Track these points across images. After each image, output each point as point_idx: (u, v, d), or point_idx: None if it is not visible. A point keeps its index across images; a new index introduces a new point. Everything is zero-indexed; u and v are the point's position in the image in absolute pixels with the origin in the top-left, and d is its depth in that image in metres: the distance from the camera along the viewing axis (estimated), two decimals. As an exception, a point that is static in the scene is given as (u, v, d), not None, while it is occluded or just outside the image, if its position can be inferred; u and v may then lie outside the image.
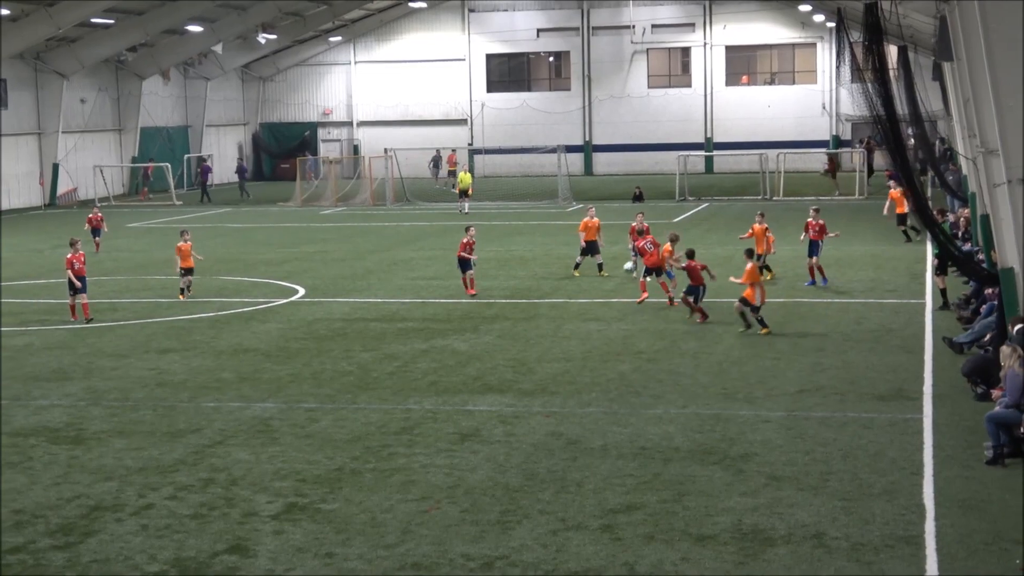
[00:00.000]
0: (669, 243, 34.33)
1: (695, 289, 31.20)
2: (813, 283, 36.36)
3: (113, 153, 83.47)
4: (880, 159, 71.69)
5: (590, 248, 39.55)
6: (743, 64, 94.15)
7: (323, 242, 51.30)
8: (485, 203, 69.75)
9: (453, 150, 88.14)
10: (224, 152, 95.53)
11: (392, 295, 36.49)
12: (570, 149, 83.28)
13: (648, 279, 34.12)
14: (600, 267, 39.42)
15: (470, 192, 67.48)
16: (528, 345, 28.46)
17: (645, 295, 33.67)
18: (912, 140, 48.93)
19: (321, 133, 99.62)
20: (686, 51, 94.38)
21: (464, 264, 35.58)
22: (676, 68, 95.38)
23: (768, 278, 36.64)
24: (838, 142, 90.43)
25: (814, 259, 36.84)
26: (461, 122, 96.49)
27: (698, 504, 16.73)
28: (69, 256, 32.67)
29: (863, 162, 73.98)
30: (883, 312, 31.79)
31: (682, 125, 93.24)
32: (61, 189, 77.53)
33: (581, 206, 67.10)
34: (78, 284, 32.39)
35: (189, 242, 36.91)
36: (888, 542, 15.20)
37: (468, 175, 69.46)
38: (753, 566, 14.56)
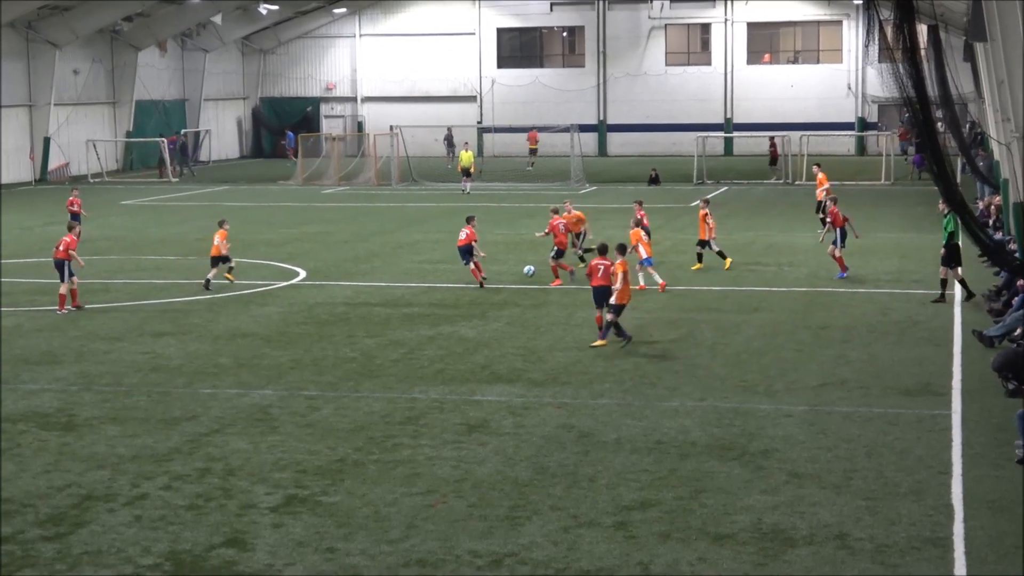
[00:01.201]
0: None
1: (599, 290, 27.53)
2: (843, 275, 35.56)
3: (107, 127, 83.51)
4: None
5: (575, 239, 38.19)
6: (765, 42, 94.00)
7: (325, 223, 51.28)
8: (494, 184, 69.73)
9: (532, 128, 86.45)
10: (222, 127, 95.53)
11: (397, 279, 36.47)
12: (583, 128, 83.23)
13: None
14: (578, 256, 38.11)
15: (472, 171, 67.56)
16: (538, 333, 28.44)
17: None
18: (942, 124, 48.82)
19: (324, 109, 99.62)
20: (706, 27, 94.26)
21: (465, 254, 34.95)
22: (695, 45, 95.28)
23: (726, 266, 37.18)
24: (864, 124, 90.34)
25: (838, 249, 35.97)
26: (470, 99, 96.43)
27: (716, 502, 16.70)
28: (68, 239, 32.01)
29: (889, 146, 73.78)
30: (910, 303, 31.72)
31: (701, 105, 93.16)
32: (52, 164, 77.59)
33: (595, 188, 67.10)
34: (72, 269, 31.62)
35: (227, 230, 35.62)
36: (914, 544, 15.17)
37: (470, 153, 69.53)
38: (773, 567, 14.53)
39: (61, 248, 31.86)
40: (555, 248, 35.90)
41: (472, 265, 34.74)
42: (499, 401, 22.34)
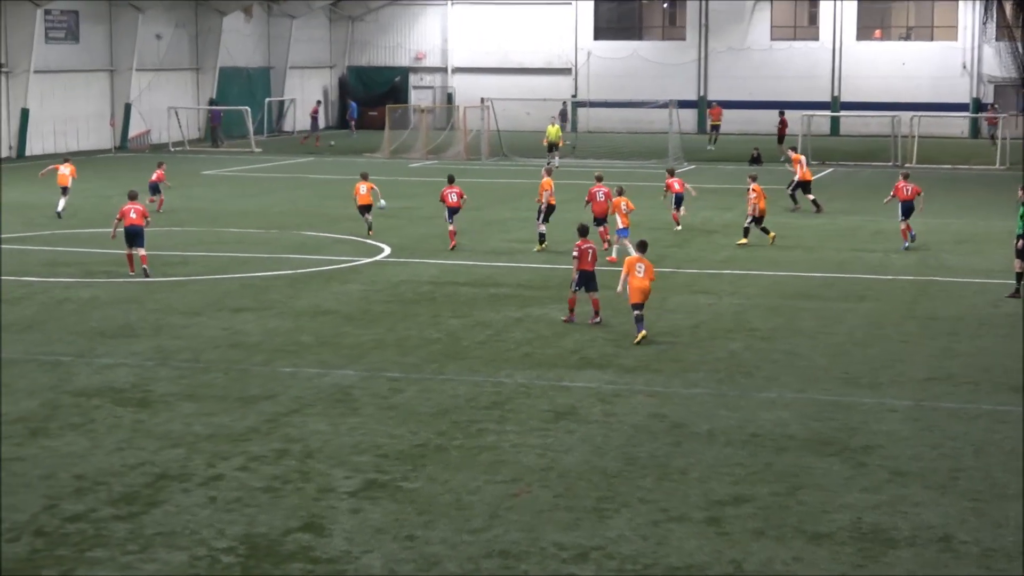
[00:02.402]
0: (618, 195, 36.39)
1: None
2: (907, 246, 38.42)
3: (189, 94, 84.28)
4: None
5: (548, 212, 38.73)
6: (876, 17, 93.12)
7: (411, 198, 51.46)
8: (588, 160, 69.62)
9: (713, 103, 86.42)
10: (307, 96, 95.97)
11: (485, 258, 36.54)
12: (682, 105, 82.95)
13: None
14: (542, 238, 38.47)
15: (560, 144, 67.72)
16: (631, 317, 28.33)
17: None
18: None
19: (412, 79, 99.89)
20: (814, 1, 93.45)
21: (451, 213, 38.46)
22: (802, 19, 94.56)
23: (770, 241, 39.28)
24: (979, 105, 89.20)
25: (906, 222, 38.88)
26: (564, 71, 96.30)
27: (813, 499, 16.61)
28: (125, 207, 33.22)
29: (991, 129, 73.04)
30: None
31: (807, 82, 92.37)
32: (133, 131, 78.48)
33: (693, 167, 66.83)
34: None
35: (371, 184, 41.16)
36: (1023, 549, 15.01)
37: (556, 127, 69.53)
38: (872, 569, 14.43)
39: (134, 216, 32.74)
40: (595, 218, 37.10)
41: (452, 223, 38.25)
42: (588, 387, 22.33)
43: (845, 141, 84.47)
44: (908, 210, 38.93)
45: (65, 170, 45.77)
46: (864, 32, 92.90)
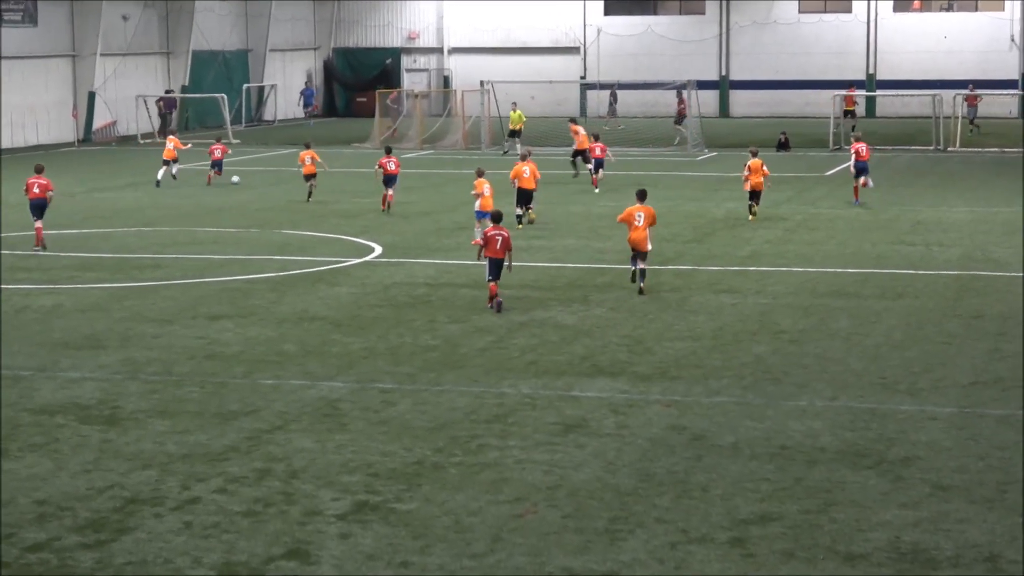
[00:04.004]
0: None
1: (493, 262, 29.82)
2: (858, 202, 46.66)
3: (159, 81, 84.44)
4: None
5: (525, 198, 43.06)
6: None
7: (405, 191, 51.45)
8: (599, 148, 69.59)
9: (853, 85, 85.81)
10: (290, 82, 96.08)
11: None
12: (702, 85, 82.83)
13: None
14: (519, 220, 42.54)
15: (521, 129, 68.99)
16: (646, 320, 28.44)
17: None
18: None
19: (405, 61, 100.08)
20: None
21: (388, 180, 45.55)
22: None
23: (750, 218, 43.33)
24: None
25: (861, 179, 47.10)
26: (573, 51, 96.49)
27: (848, 516, 16.65)
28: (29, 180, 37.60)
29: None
30: (1079, 290, 31.41)
31: (839, 59, 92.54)
32: (98, 123, 78.55)
33: (715, 154, 66.88)
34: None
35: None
36: (1078, 569, 15.06)
37: (519, 113, 70.08)
38: (912, 593, 14.48)
39: (37, 190, 37.32)
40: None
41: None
42: (600, 398, 22.38)
43: (882, 123, 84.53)
44: (862, 169, 47.13)
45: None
46: (902, 3, 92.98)
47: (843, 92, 75.63)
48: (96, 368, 24.61)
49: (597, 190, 50.30)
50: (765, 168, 43.24)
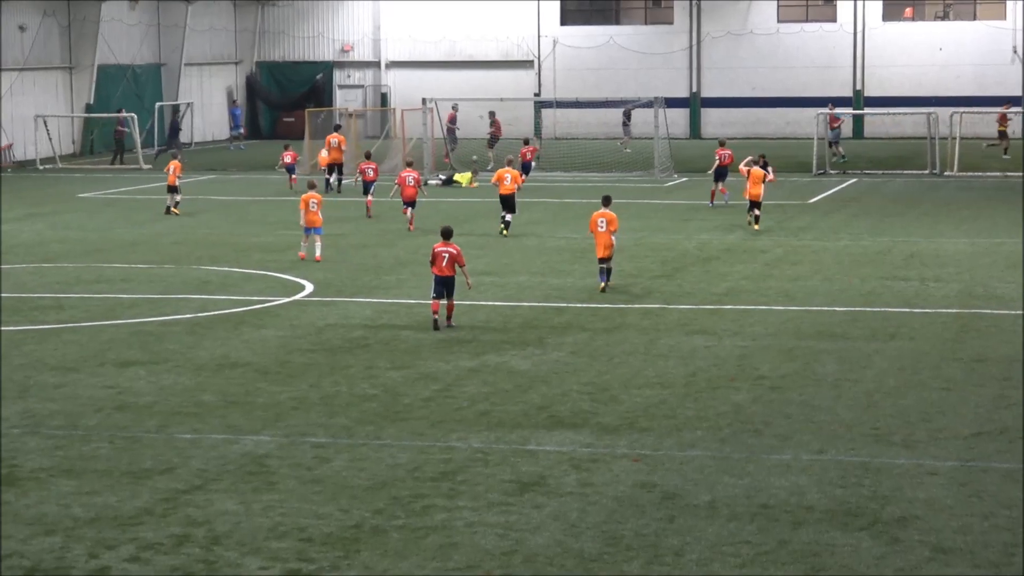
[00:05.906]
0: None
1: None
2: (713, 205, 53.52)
3: (61, 99, 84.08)
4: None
5: (507, 204, 46.29)
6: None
7: (339, 222, 51.42)
8: (556, 174, 69.83)
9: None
10: (209, 100, 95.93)
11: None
12: (671, 103, 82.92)
13: None
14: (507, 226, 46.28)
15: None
16: (611, 365, 28.47)
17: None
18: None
19: (338, 77, 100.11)
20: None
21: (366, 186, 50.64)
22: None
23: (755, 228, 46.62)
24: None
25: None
26: (525, 64, 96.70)
27: (838, 583, 16.70)
28: None
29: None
30: (1092, 330, 31.59)
31: (823, 73, 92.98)
32: (-9, 146, 78.20)
33: (685, 179, 67.11)
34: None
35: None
36: (1095, 640, 15.13)
37: (469, 175, 69.12)
38: (911, 668, 14.53)
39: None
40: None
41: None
42: (560, 452, 22.38)
43: (870, 145, 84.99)
44: (722, 174, 55.00)
45: None
46: (892, 11, 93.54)
47: (824, 111, 75.77)
48: (-9, 422, 24.47)
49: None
50: (771, 174, 45.99)
